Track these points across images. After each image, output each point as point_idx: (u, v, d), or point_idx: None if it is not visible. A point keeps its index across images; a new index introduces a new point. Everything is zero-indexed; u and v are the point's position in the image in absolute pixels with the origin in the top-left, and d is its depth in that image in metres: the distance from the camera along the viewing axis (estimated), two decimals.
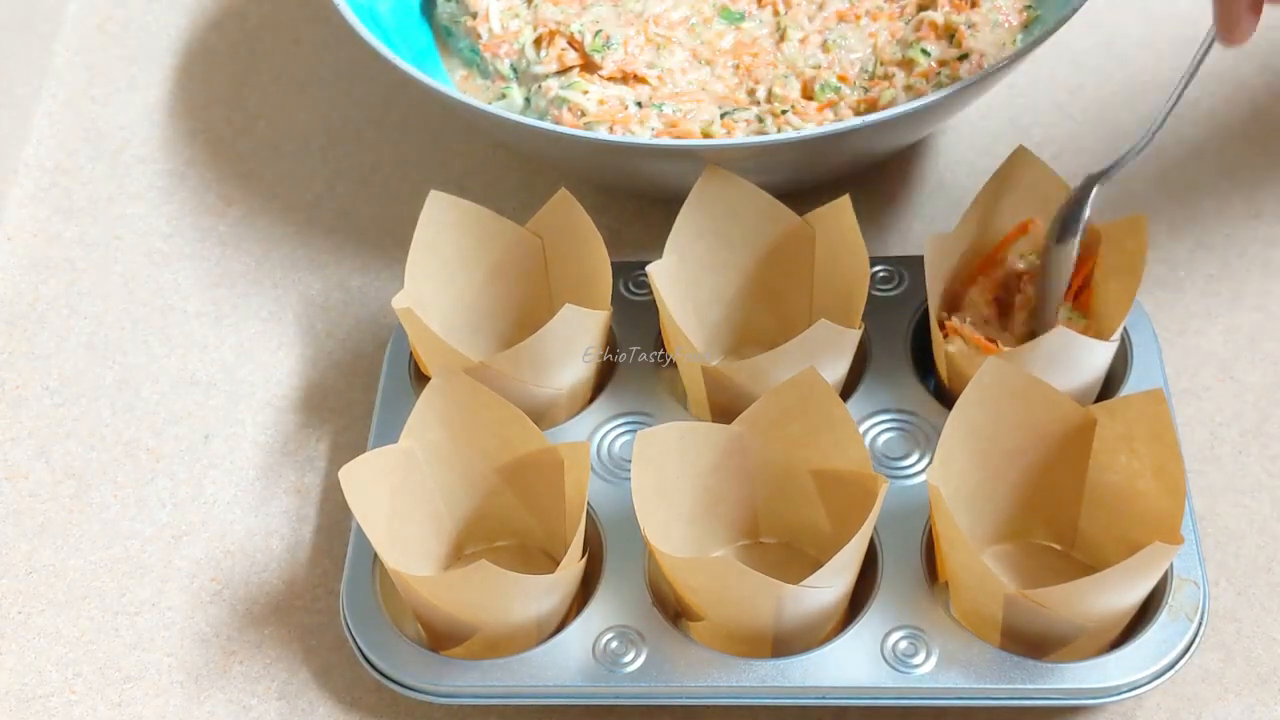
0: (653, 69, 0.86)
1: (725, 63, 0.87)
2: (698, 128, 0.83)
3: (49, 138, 0.98)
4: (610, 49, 0.86)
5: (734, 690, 0.66)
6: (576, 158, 0.85)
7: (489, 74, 0.90)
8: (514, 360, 0.73)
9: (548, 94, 0.85)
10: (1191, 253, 0.86)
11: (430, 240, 0.77)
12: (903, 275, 0.80)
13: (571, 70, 0.86)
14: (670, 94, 0.85)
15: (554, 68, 0.86)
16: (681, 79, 0.86)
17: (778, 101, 0.84)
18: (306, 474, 0.80)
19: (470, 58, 0.91)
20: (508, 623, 0.67)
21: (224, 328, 0.87)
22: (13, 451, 0.82)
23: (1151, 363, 0.76)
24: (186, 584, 0.76)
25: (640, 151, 0.80)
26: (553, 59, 0.86)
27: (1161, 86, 0.94)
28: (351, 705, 0.71)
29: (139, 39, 1.04)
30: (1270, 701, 0.68)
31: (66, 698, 0.72)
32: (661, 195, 0.86)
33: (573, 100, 0.84)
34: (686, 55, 0.88)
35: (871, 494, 0.65)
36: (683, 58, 0.87)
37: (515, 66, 0.88)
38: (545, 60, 0.87)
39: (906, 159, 0.92)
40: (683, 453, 0.69)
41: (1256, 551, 0.73)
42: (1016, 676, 0.65)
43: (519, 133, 0.83)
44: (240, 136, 0.97)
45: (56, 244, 0.92)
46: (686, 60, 0.87)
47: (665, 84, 0.86)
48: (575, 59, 0.87)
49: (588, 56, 0.86)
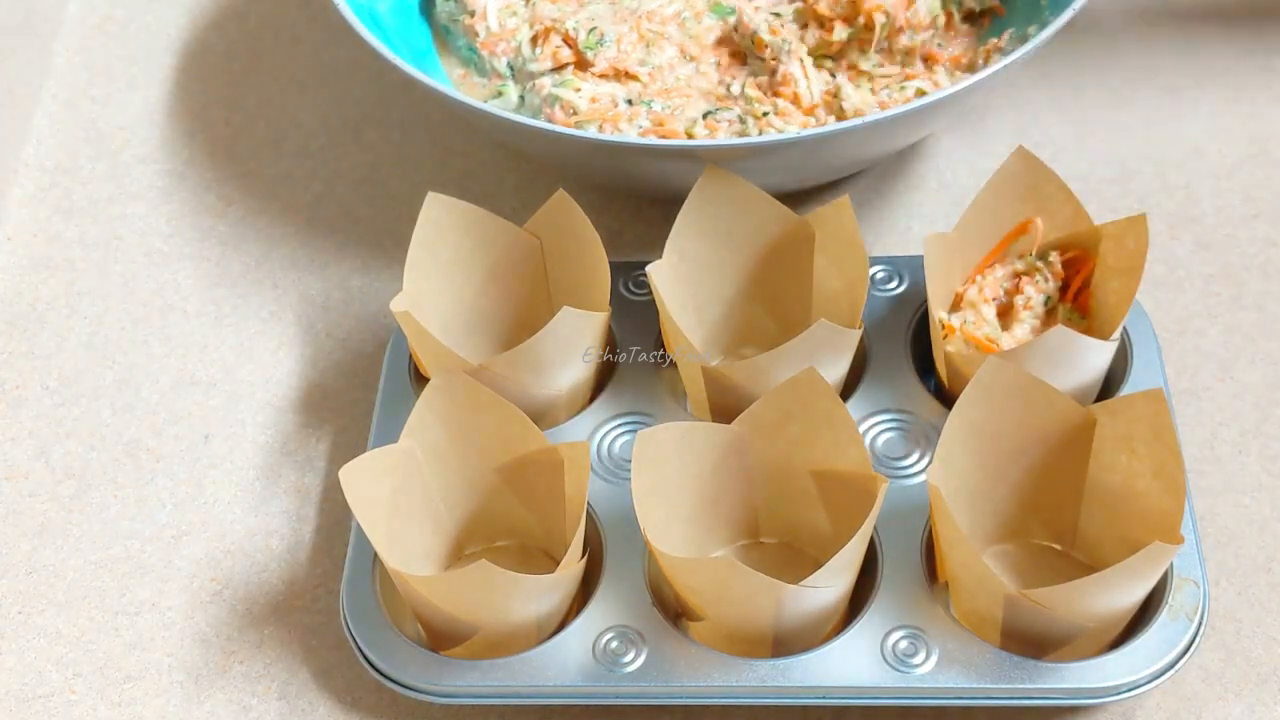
0: (644, 65, 0.86)
1: (708, 59, 0.87)
2: (682, 127, 0.83)
3: (49, 138, 0.98)
4: (603, 46, 0.86)
5: (734, 690, 0.66)
6: (570, 156, 0.85)
7: (486, 72, 0.90)
8: (513, 362, 0.73)
9: (541, 91, 0.85)
10: (1191, 253, 0.86)
11: (429, 241, 0.77)
12: (903, 275, 0.80)
13: (565, 68, 0.86)
14: (660, 90, 0.85)
15: (548, 65, 0.87)
16: (670, 75, 0.87)
17: (755, 102, 0.84)
18: (306, 474, 0.80)
19: (468, 56, 0.91)
20: (508, 623, 0.67)
21: (224, 328, 0.87)
22: (13, 451, 0.82)
23: (1151, 363, 0.76)
24: (186, 584, 0.76)
25: (628, 150, 0.80)
26: (547, 56, 0.87)
27: (1161, 86, 0.94)
28: (351, 705, 0.71)
29: (139, 39, 1.04)
30: (1270, 701, 0.68)
31: (66, 698, 0.72)
32: (655, 194, 0.86)
33: (565, 98, 0.84)
34: (675, 51, 0.88)
35: (871, 494, 0.65)
36: (672, 54, 0.87)
37: (512, 64, 0.89)
38: (540, 58, 0.87)
39: (907, 159, 0.92)
40: (682, 453, 0.69)
41: (1256, 551, 0.73)
42: (1016, 676, 0.65)
43: (514, 132, 0.83)
44: (240, 136, 0.97)
45: (56, 244, 0.92)
46: (675, 56, 0.87)
47: (655, 80, 0.86)
48: (569, 56, 0.87)
49: (581, 53, 0.86)
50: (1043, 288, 0.76)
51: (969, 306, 0.76)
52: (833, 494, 0.70)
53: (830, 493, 0.70)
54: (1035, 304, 0.75)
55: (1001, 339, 0.74)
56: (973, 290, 0.76)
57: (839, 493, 0.69)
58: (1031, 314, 0.75)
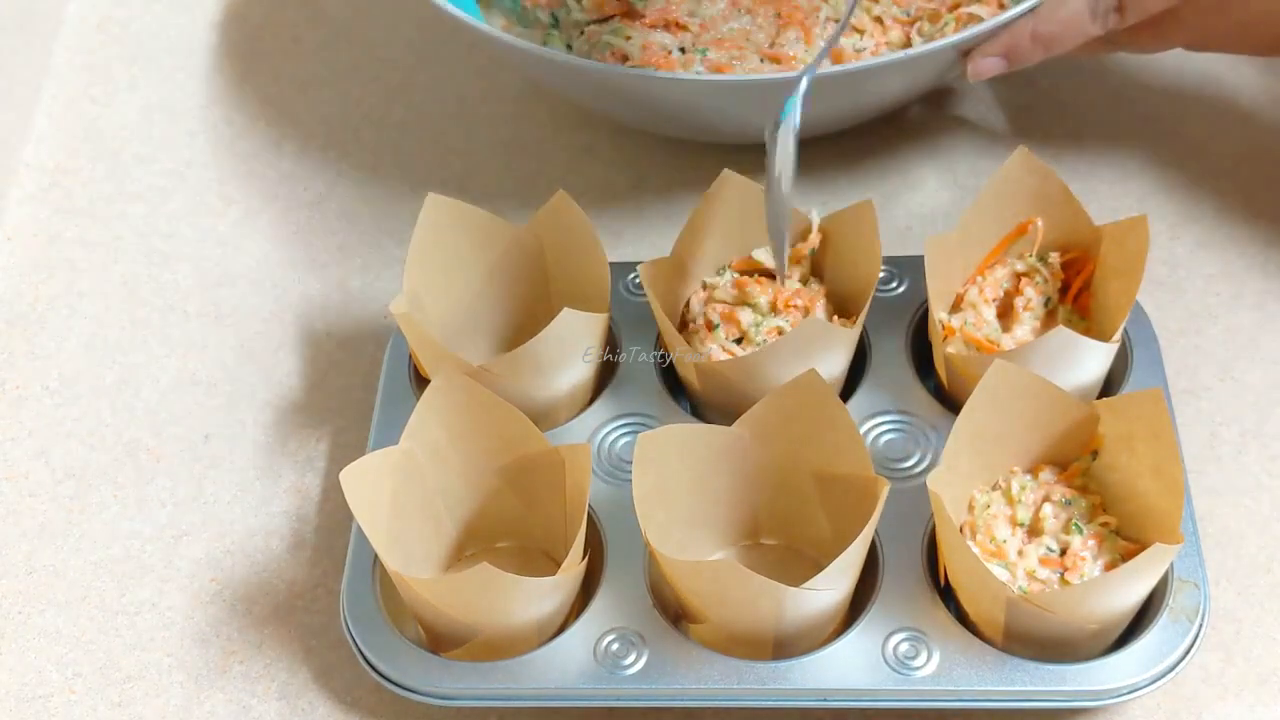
0: (694, 17, 0.87)
1: (766, 11, 0.88)
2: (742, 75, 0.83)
3: (49, 138, 0.98)
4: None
5: (734, 692, 0.66)
6: (632, 99, 0.85)
7: (530, 23, 0.90)
8: (513, 364, 0.73)
9: (592, 39, 0.86)
10: (1191, 253, 0.86)
11: (429, 242, 0.77)
12: (903, 275, 0.80)
13: (612, 19, 0.87)
14: (712, 40, 0.86)
15: (595, 15, 0.87)
16: (722, 26, 0.87)
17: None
18: (306, 474, 0.80)
19: (511, 7, 0.92)
20: (508, 625, 0.67)
21: (224, 328, 0.87)
22: (13, 451, 0.82)
23: (1151, 363, 0.76)
24: (186, 584, 0.76)
25: (728, 88, 0.81)
26: (594, 6, 0.87)
27: (1162, 87, 0.94)
28: (351, 705, 0.71)
29: (139, 39, 1.04)
30: (1270, 701, 0.68)
31: (66, 698, 0.72)
32: (703, 138, 0.88)
33: (616, 45, 0.85)
34: (726, 3, 0.88)
35: (873, 496, 0.65)
36: (723, 5, 0.88)
37: (556, 15, 0.90)
38: (587, 8, 0.88)
39: (907, 159, 0.92)
40: (683, 455, 0.69)
41: (1256, 551, 0.73)
42: (1018, 678, 0.65)
43: (574, 75, 0.83)
44: (240, 136, 0.97)
45: (56, 244, 0.92)
46: (726, 8, 0.88)
47: (707, 31, 0.86)
48: (616, 6, 0.87)
49: (629, 3, 0.87)
50: (1043, 289, 0.76)
51: (969, 307, 0.76)
52: (834, 496, 0.70)
53: (831, 495, 0.70)
54: (1035, 305, 0.75)
55: (1002, 340, 0.74)
56: (973, 291, 0.76)
57: (840, 495, 0.69)
58: (1031, 315, 0.75)
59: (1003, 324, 0.76)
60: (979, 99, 0.94)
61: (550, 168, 0.93)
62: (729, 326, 0.75)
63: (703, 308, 0.76)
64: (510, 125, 0.96)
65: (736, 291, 0.76)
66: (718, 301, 0.76)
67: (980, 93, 0.95)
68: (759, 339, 0.74)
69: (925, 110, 0.94)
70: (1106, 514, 0.68)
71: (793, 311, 0.75)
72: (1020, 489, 0.69)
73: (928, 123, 0.93)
